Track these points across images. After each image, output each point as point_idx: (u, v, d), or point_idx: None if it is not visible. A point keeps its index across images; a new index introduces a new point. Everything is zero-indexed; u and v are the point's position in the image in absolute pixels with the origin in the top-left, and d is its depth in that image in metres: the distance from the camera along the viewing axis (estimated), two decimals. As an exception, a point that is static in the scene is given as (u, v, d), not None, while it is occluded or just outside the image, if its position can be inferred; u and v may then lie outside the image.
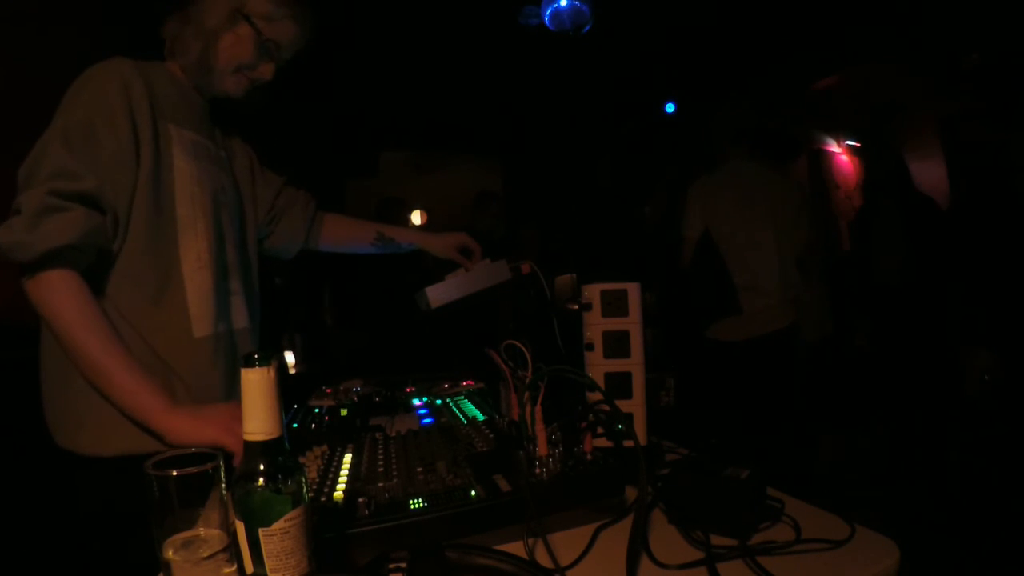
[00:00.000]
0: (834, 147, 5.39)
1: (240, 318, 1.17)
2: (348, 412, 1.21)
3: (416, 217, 5.27)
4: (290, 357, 3.19)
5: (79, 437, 0.98)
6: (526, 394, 0.86)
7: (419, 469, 0.84)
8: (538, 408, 0.85)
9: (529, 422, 0.85)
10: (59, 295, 0.90)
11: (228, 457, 0.57)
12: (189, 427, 0.89)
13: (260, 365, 0.52)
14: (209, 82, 1.11)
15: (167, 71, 1.10)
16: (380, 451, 0.93)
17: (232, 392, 1.10)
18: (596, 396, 0.93)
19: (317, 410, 1.23)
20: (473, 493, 0.75)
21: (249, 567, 0.53)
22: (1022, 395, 2.11)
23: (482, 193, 3.69)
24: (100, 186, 0.93)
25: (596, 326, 1.04)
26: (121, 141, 0.96)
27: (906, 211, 2.50)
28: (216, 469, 0.58)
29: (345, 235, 1.48)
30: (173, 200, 1.04)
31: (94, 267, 0.96)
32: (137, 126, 0.99)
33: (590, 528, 0.79)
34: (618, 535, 0.77)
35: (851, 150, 5.44)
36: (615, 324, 1.03)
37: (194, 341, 1.05)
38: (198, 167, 1.08)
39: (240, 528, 0.53)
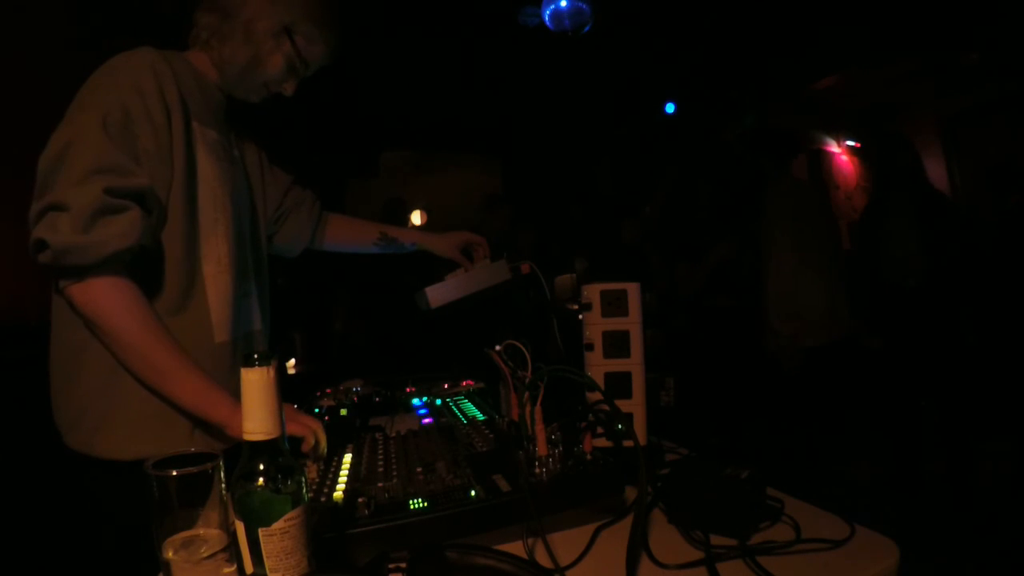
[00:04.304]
0: (834, 147, 5.39)
1: (256, 320, 1.15)
2: (348, 412, 1.21)
3: (416, 217, 5.26)
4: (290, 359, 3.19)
5: (95, 440, 0.95)
6: (526, 394, 0.86)
7: (419, 469, 0.84)
8: (538, 408, 0.85)
9: (529, 422, 0.85)
10: (119, 301, 0.85)
11: (242, 454, 0.55)
12: None
13: (260, 365, 0.52)
14: (235, 86, 1.08)
15: (188, 63, 1.05)
16: (380, 451, 0.93)
17: None
18: (596, 396, 0.93)
19: (317, 410, 1.23)
20: (473, 493, 0.75)
21: (249, 567, 0.53)
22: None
23: (492, 196, 3.70)
24: (152, 183, 0.88)
25: (596, 326, 1.04)
26: (159, 135, 0.91)
27: (919, 208, 2.49)
28: (216, 469, 0.58)
29: (348, 235, 1.48)
30: (196, 200, 1.00)
31: None
32: (171, 121, 0.94)
33: (590, 528, 0.79)
34: (618, 535, 0.77)
35: (851, 150, 5.43)
36: (615, 324, 1.03)
37: (215, 346, 1.01)
38: (219, 167, 1.05)
39: (240, 528, 0.53)
